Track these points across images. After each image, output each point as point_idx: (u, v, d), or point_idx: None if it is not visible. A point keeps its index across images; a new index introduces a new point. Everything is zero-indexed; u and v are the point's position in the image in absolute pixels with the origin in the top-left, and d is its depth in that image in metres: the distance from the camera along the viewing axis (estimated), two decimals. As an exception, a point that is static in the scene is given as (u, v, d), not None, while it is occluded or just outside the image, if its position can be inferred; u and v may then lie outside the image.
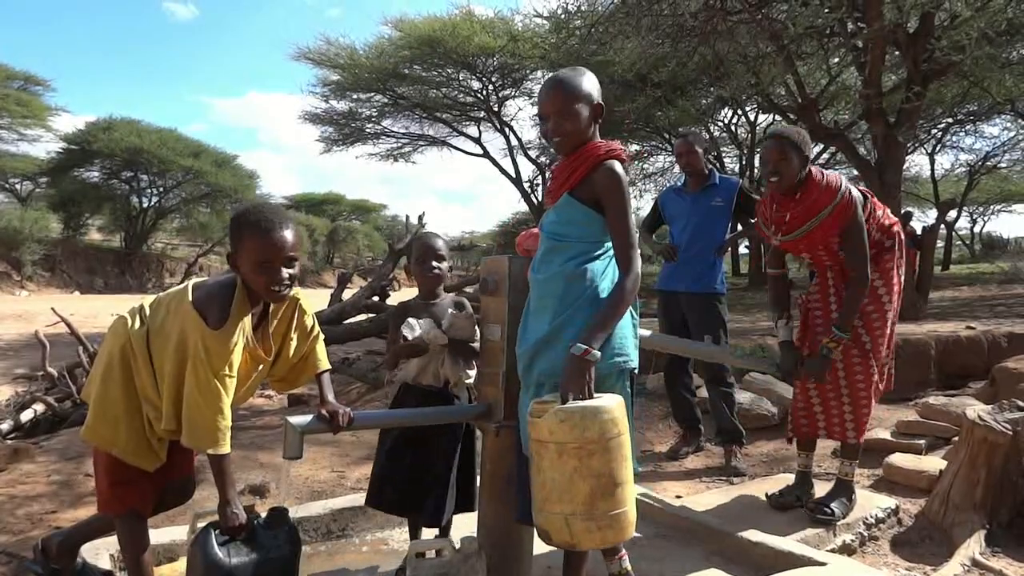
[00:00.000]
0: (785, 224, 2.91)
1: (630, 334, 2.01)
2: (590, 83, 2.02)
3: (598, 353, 1.85)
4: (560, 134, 2.00)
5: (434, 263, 2.57)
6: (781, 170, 2.85)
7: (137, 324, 2.17)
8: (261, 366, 2.25)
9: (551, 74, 2.11)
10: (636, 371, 2.04)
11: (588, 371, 1.83)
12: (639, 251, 1.97)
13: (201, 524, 2.12)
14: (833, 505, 2.96)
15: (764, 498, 3.20)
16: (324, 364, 2.40)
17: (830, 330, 2.91)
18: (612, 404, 1.79)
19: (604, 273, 1.98)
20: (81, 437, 2.26)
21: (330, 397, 2.28)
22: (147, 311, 2.20)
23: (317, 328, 2.40)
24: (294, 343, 2.32)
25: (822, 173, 2.90)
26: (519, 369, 2.09)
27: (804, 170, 2.88)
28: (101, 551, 2.52)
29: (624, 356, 1.96)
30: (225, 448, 2.05)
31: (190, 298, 2.08)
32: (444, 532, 2.51)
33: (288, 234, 2.06)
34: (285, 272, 2.06)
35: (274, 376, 2.38)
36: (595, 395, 1.83)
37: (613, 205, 1.95)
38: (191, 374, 2.03)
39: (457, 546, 2.31)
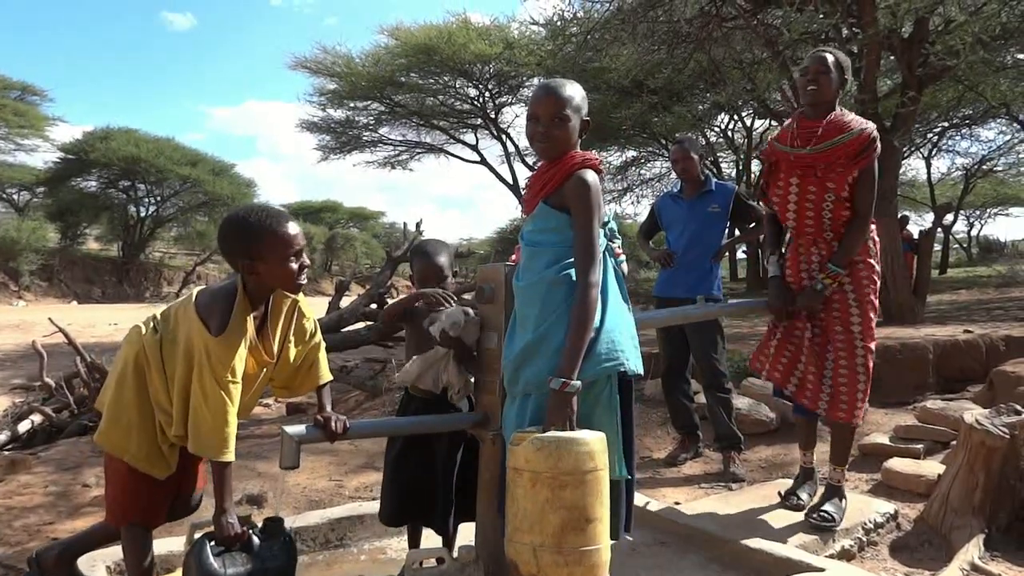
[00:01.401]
0: (816, 137, 2.90)
1: (625, 333, 2.00)
2: (583, 97, 2.07)
3: (578, 383, 1.85)
4: (549, 139, 2.02)
5: (436, 286, 2.50)
6: (820, 82, 2.89)
7: (151, 332, 2.21)
8: (264, 370, 2.26)
9: (547, 79, 2.13)
10: (634, 371, 2.00)
11: (570, 403, 1.84)
12: (598, 263, 1.96)
13: (198, 535, 2.11)
14: (830, 509, 2.96)
15: (765, 502, 3.21)
16: (326, 376, 2.42)
17: (825, 267, 2.92)
18: (591, 438, 1.78)
19: None
20: (94, 441, 2.29)
21: (328, 408, 2.29)
22: (159, 320, 2.24)
23: (319, 336, 2.41)
24: (292, 345, 2.33)
25: (850, 112, 2.98)
26: (505, 379, 2.09)
27: (839, 94, 2.95)
28: (97, 563, 2.51)
29: (612, 361, 1.95)
30: (229, 456, 2.07)
31: (194, 306, 2.11)
32: (450, 541, 2.50)
33: (295, 221, 2.21)
34: (306, 257, 2.18)
35: (275, 383, 2.40)
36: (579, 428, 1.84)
37: (578, 214, 1.97)
38: (196, 381, 2.06)
39: (455, 555, 2.31)
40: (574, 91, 2.03)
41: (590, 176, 1.99)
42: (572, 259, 1.97)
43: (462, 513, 2.47)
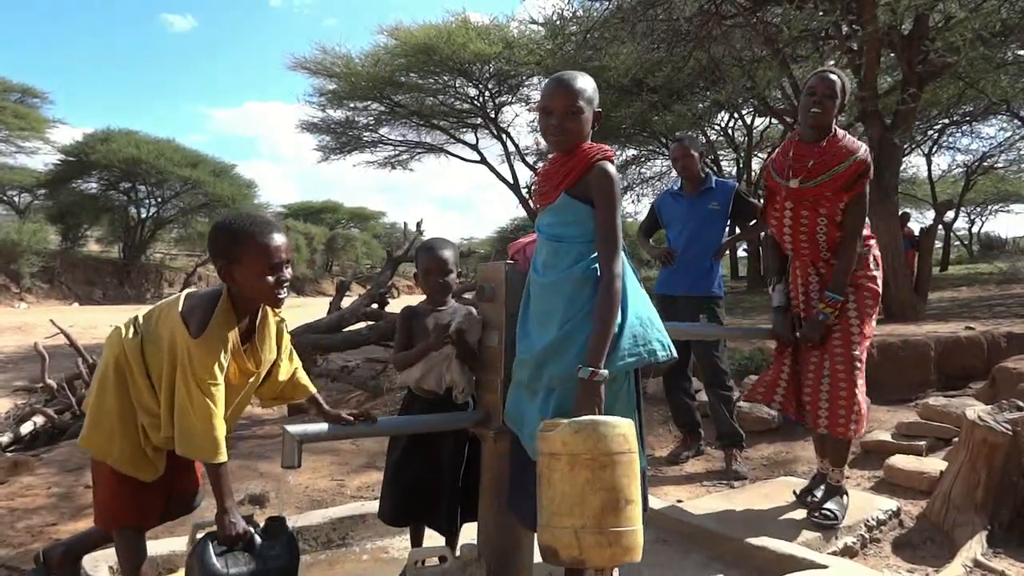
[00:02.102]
0: (807, 170, 2.91)
1: (648, 322, 2.02)
2: (595, 89, 2.08)
3: (605, 372, 1.88)
4: (563, 131, 2.03)
5: (440, 279, 2.51)
6: (826, 106, 2.89)
7: (131, 334, 2.20)
8: (252, 380, 2.26)
9: (559, 72, 2.14)
10: (668, 357, 2.02)
11: (598, 392, 1.87)
12: (621, 253, 1.99)
13: (200, 535, 2.11)
14: (832, 507, 2.96)
15: (768, 500, 3.20)
16: (312, 388, 2.45)
17: (823, 295, 2.94)
18: (623, 422, 1.81)
19: None
20: (78, 444, 2.28)
21: (327, 407, 2.32)
22: (141, 321, 2.23)
23: (296, 358, 2.46)
24: (283, 364, 2.35)
25: (843, 132, 2.98)
26: (524, 375, 2.08)
27: (837, 118, 2.96)
28: (100, 563, 2.50)
29: (635, 357, 1.97)
30: (220, 457, 2.06)
31: (180, 307, 2.11)
32: (452, 541, 2.49)
33: (283, 234, 2.15)
34: (288, 272, 2.13)
35: (266, 396, 2.40)
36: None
37: (603, 205, 1.99)
38: (180, 383, 2.06)
39: (457, 553, 2.30)
40: (586, 83, 2.05)
41: (611, 168, 2.01)
42: (596, 255, 1.99)
43: (466, 513, 2.47)
